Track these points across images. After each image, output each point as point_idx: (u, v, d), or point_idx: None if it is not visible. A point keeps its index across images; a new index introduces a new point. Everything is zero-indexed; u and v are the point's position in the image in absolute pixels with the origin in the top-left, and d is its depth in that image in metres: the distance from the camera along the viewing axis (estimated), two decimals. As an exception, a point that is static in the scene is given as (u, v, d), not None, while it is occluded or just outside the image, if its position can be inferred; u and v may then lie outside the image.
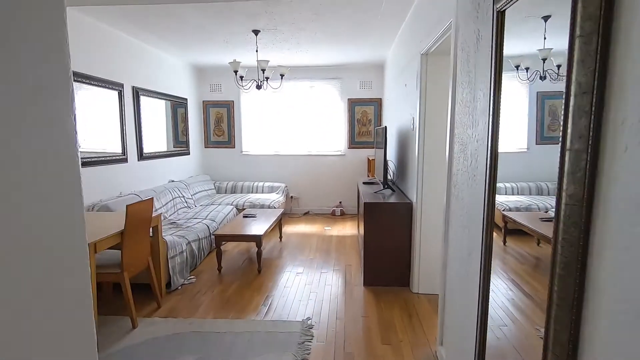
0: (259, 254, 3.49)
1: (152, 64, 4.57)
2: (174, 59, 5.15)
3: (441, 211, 2.89)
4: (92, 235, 2.29)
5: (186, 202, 4.82)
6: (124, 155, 3.98)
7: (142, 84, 4.32)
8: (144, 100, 4.37)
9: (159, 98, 4.75)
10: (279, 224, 4.61)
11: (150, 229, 2.87)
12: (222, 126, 6.14)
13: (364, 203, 3.10)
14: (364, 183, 4.24)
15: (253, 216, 4.21)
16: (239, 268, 3.65)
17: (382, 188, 3.58)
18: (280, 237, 4.66)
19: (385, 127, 3.42)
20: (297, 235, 4.89)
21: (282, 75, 4.03)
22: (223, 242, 3.97)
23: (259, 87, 4.01)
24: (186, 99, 5.52)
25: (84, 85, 3.38)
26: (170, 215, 4.31)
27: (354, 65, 5.74)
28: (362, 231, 3.34)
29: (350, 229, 5.17)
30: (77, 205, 0.70)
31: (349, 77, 5.89)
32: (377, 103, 5.93)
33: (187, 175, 5.60)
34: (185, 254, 3.36)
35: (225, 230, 3.58)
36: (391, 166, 4.24)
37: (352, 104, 5.96)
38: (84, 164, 3.40)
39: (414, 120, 3.08)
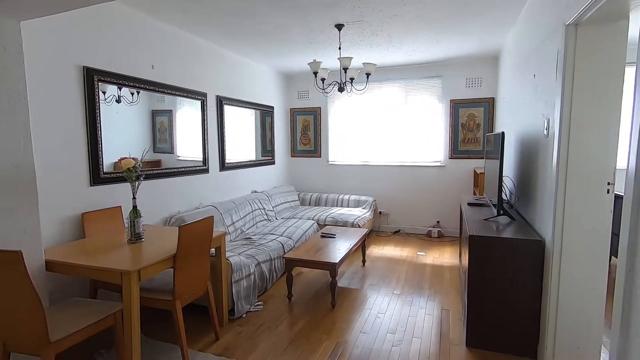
0: (333, 285, 2.95)
1: (239, 73, 4.49)
2: (262, 67, 5.03)
3: (595, 254, 1.92)
4: (145, 257, 2.06)
5: (266, 214, 4.59)
6: (205, 165, 3.91)
7: (227, 93, 4.24)
8: (228, 109, 4.29)
9: (245, 107, 4.65)
10: (362, 245, 4.01)
11: (212, 249, 2.59)
12: (308, 134, 5.85)
13: (470, 236, 2.29)
14: (470, 204, 3.35)
15: (332, 236, 3.70)
16: (312, 298, 3.17)
17: (495, 214, 2.68)
18: (364, 261, 4.05)
19: (502, 133, 2.55)
20: (383, 260, 4.21)
21: (368, 75, 3.45)
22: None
23: (341, 89, 3.51)
24: (273, 107, 5.37)
25: (166, 95, 3.37)
26: (248, 229, 4.10)
27: (459, 59, 4.82)
28: (465, 266, 2.52)
29: (449, 257, 4.26)
30: None
31: (451, 74, 4.98)
32: (488, 104, 4.87)
33: (271, 185, 5.43)
34: (253, 276, 3.02)
35: (297, 254, 3.14)
36: (508, 183, 3.25)
37: (456, 105, 5.01)
38: (166, 175, 3.37)
39: (548, 123, 2.17)
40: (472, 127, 4.98)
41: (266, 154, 5.30)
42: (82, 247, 2.27)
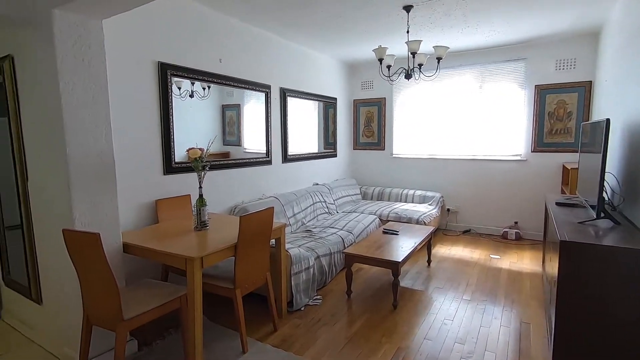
0: (395, 285, 2.77)
1: (302, 64, 4.46)
2: (325, 57, 4.95)
3: None
4: (208, 245, 2.12)
5: (327, 207, 4.54)
6: (268, 157, 3.96)
7: (290, 85, 4.25)
8: (291, 101, 4.30)
9: (308, 99, 4.63)
10: (428, 244, 3.74)
11: (273, 240, 2.59)
12: (372, 126, 5.65)
13: (562, 242, 1.95)
14: (559, 204, 2.90)
15: (395, 232, 3.50)
16: (372, 296, 3.03)
17: (594, 217, 2.26)
18: (429, 262, 3.78)
19: (607, 120, 2.12)
20: (451, 261, 3.89)
21: (439, 60, 3.16)
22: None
23: (408, 75, 3.27)
24: (335, 99, 5.27)
25: (234, 89, 3.46)
26: (308, 222, 4.08)
27: (548, 38, 4.21)
28: (552, 275, 2.17)
29: (529, 263, 3.79)
30: None
31: (538, 56, 4.39)
32: (584, 88, 4.19)
33: (333, 178, 5.36)
34: (312, 270, 2.98)
35: (358, 249, 3.02)
36: (610, 181, 2.75)
37: (542, 92, 4.41)
38: (231, 166, 3.47)
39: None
40: (561, 116, 4.35)
41: (328, 146, 5.24)
42: (154, 232, 2.41)
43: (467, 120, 4.89)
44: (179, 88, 2.93)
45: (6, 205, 2.48)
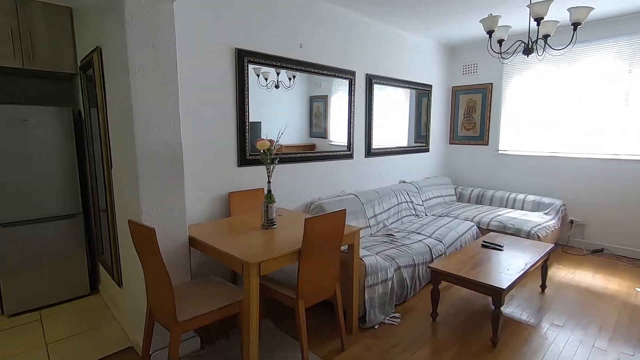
0: (495, 316, 2.19)
1: (392, 47, 3.99)
2: (419, 39, 4.37)
3: None
4: (271, 248, 1.90)
5: (414, 209, 4.02)
6: (350, 150, 3.63)
7: (377, 71, 3.82)
8: (378, 89, 3.87)
9: (398, 86, 4.13)
10: (543, 264, 2.97)
11: (345, 245, 2.27)
12: (473, 117, 4.85)
13: None
14: None
15: (498, 247, 2.85)
16: (464, 323, 2.49)
17: None
18: (543, 287, 3.00)
19: None
20: (575, 289, 3.04)
21: (575, 26, 2.38)
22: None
23: (527, 51, 2.55)
24: (430, 86, 4.64)
25: (316, 77, 3.20)
26: (391, 224, 3.64)
27: None
28: None
29: (702, 306, 2.72)
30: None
31: None
32: None
33: (423, 176, 4.77)
34: (391, 283, 2.57)
35: (449, 265, 2.49)
36: None
37: None
38: (311, 159, 3.24)
39: None
40: None
41: (420, 139, 4.66)
42: (222, 227, 2.30)
43: (605, 110, 3.79)
44: (266, 79, 2.84)
45: (101, 189, 2.66)
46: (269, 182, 2.26)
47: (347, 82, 3.50)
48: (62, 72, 2.76)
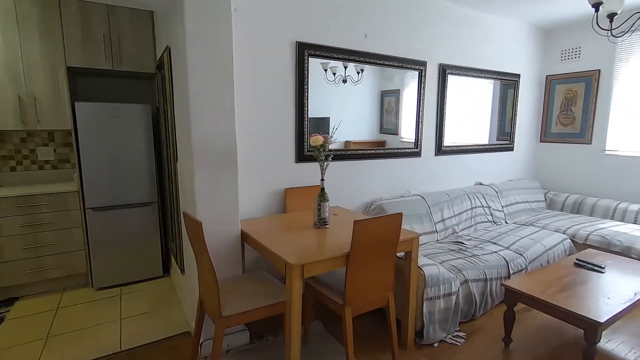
0: (588, 355, 1.78)
1: (471, 33, 3.56)
2: (505, 21, 3.83)
3: None
4: (318, 249, 1.80)
5: (492, 215, 3.57)
6: (417, 148, 3.34)
7: (453, 60, 3.45)
8: (453, 80, 3.50)
9: (478, 76, 3.69)
10: (660, 295, 2.37)
11: (402, 253, 2.07)
12: (572, 111, 4.13)
13: None
14: None
15: (597, 268, 2.34)
16: (544, 355, 2.09)
17: None
18: (660, 322, 2.40)
19: None
20: None
21: None
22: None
23: (651, 24, 2.01)
24: (518, 76, 4.07)
25: (385, 69, 3.01)
26: (461, 230, 3.28)
27: None
28: None
29: None
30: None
31: None
32: None
33: (505, 178, 4.22)
34: (455, 298, 2.29)
35: (529, 285, 2.12)
36: None
37: None
38: (374, 156, 3.07)
39: None
40: None
41: (503, 136, 4.13)
42: (274, 223, 2.27)
43: None
44: (334, 74, 2.77)
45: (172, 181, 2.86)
46: (322, 179, 2.16)
47: (416, 73, 3.22)
48: (143, 72, 3.02)
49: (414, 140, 3.33)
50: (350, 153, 2.94)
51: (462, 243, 2.92)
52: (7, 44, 2.67)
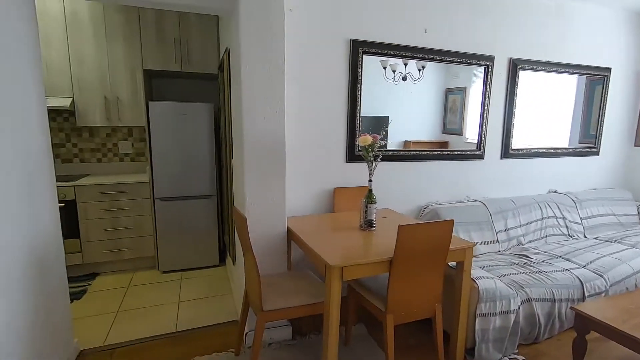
0: (680, 403, 1.49)
1: (548, 22, 3.18)
2: (591, 7, 3.35)
3: None
4: (361, 252, 1.76)
5: (567, 227, 3.17)
6: (479, 150, 3.09)
7: (526, 54, 3.12)
8: (526, 76, 3.17)
9: (557, 71, 3.30)
10: None
11: (452, 263, 1.93)
12: (680, 110, 3.48)
13: None
14: None
15: (701, 300, 1.94)
16: (624, 395, 1.80)
17: None
18: None
19: None
20: None
21: None
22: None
23: None
24: (609, 70, 3.54)
25: (451, 65, 2.83)
26: (528, 242, 2.96)
27: None
28: None
29: None
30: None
31: None
32: None
33: (587, 186, 3.72)
34: (515, 316, 2.07)
35: (606, 312, 1.83)
36: None
37: None
38: (434, 158, 2.92)
39: None
40: None
41: (587, 139, 3.64)
42: (320, 222, 2.27)
43: None
44: (393, 71, 2.70)
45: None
46: (370, 180, 2.10)
47: (482, 69, 2.97)
48: (208, 72, 3.23)
49: (476, 142, 3.08)
50: (404, 154, 2.82)
51: (528, 257, 2.64)
52: (98, 50, 3.04)
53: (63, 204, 2.94)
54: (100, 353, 2.10)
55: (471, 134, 3.08)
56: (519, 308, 2.09)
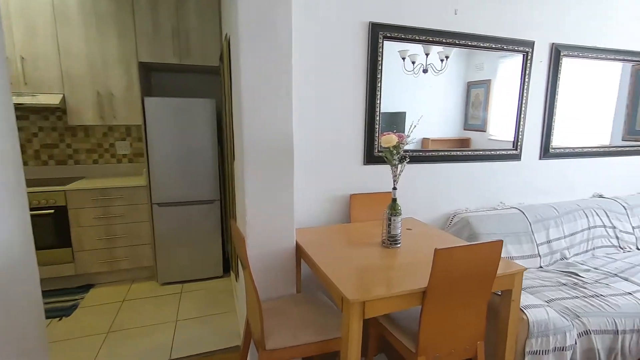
0: None
1: (597, 2, 2.77)
2: (651, -13, 2.92)
3: None
4: (385, 278, 1.43)
5: (617, 238, 2.76)
6: (516, 149, 2.71)
7: (570, 39, 2.72)
8: (570, 64, 2.77)
9: (605, 59, 2.88)
10: None
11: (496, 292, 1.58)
12: None
13: None
14: None
15: None
16: None
17: None
18: None
19: None
20: None
21: None
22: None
23: None
24: (663, 57, 3.10)
25: (474, 55, 2.46)
26: (572, 256, 2.57)
27: None
28: None
29: None
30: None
31: None
32: None
33: (635, 189, 3.29)
34: (572, 353, 1.71)
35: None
36: None
37: None
38: (459, 158, 2.56)
39: None
40: None
41: (633, 136, 3.21)
42: (335, 235, 1.94)
43: None
44: (413, 62, 2.35)
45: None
46: (394, 187, 1.76)
47: (520, 56, 2.59)
48: (209, 65, 2.92)
49: (512, 141, 2.70)
50: (428, 155, 2.47)
51: (577, 274, 2.26)
52: (88, 41, 2.77)
53: (52, 210, 2.69)
54: (82, 386, 1.83)
55: (495, 130, 2.70)
56: (575, 343, 1.73)
